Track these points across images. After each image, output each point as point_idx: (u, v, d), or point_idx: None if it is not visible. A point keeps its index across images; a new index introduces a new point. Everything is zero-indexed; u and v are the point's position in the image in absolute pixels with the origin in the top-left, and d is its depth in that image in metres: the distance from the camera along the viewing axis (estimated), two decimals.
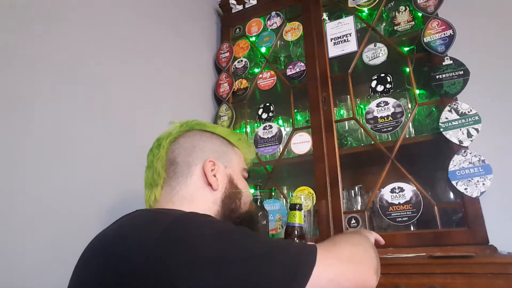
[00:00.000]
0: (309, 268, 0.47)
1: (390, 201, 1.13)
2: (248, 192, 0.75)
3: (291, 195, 1.39)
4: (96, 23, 1.05)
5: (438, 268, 0.84)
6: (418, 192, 1.11)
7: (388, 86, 1.27)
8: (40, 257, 0.76)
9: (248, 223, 0.69)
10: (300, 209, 0.72)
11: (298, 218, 0.71)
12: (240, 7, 1.73)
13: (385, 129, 1.21)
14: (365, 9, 1.41)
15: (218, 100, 1.63)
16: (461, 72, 1.13)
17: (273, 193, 1.46)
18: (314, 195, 1.27)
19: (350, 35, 1.37)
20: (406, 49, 1.32)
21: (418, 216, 1.08)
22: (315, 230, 1.18)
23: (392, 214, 1.12)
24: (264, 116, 1.50)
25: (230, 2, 1.73)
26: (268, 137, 1.44)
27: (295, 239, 0.69)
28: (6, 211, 0.73)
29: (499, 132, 1.24)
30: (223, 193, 0.68)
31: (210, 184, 0.66)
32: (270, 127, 1.46)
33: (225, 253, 0.45)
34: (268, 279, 0.44)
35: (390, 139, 1.24)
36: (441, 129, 1.11)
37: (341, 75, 1.38)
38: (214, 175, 0.68)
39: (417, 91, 1.22)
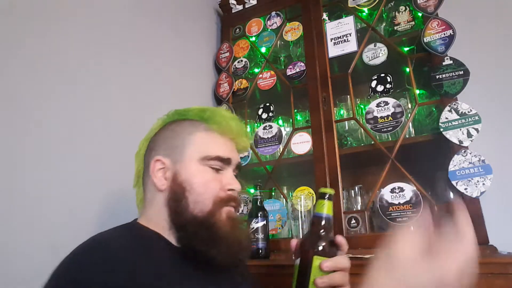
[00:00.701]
0: None
1: (390, 201, 1.13)
2: (202, 191, 0.59)
3: (291, 195, 1.39)
4: (96, 23, 1.04)
5: None
6: (418, 192, 1.11)
7: (388, 86, 1.27)
8: (40, 257, 0.76)
9: (194, 230, 0.57)
10: (330, 198, 0.62)
11: (327, 208, 0.62)
12: (240, 7, 1.73)
13: (385, 129, 1.21)
14: (365, 9, 1.41)
15: (218, 100, 1.63)
16: (461, 72, 1.13)
17: (273, 193, 1.46)
18: (314, 195, 1.27)
19: (350, 35, 1.37)
20: (406, 49, 1.32)
21: (418, 216, 1.08)
22: None
23: (392, 214, 1.12)
24: (264, 116, 1.50)
25: (230, 2, 1.73)
26: (268, 137, 1.44)
27: (321, 231, 0.61)
28: (6, 212, 0.73)
29: (499, 132, 1.24)
30: (168, 193, 0.61)
31: (155, 184, 0.62)
32: (270, 127, 1.46)
33: None
34: None
35: (390, 139, 1.24)
36: (441, 129, 1.11)
37: (341, 75, 1.38)
38: (165, 174, 0.62)
39: (417, 91, 1.22)
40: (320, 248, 0.59)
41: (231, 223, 0.60)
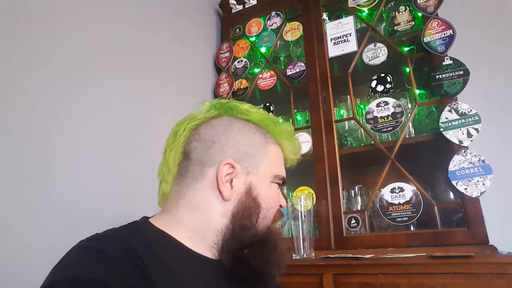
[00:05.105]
0: None
1: (390, 201, 1.13)
2: (271, 206, 0.59)
3: (291, 195, 1.39)
4: (97, 23, 1.04)
5: (438, 268, 0.84)
6: (418, 192, 1.11)
7: (388, 86, 1.27)
8: (40, 258, 0.76)
9: (260, 248, 0.54)
10: None
11: None
12: (240, 7, 1.73)
13: (385, 129, 1.21)
14: (365, 9, 1.41)
15: None
16: (461, 72, 1.13)
17: None
18: (314, 195, 1.27)
19: (350, 35, 1.37)
20: (406, 49, 1.32)
21: (418, 216, 1.08)
22: (315, 230, 1.18)
23: (392, 214, 1.12)
24: None
25: (230, 2, 1.73)
26: None
27: None
28: (6, 213, 0.73)
29: (499, 132, 1.24)
30: (236, 205, 0.55)
31: (221, 192, 0.55)
32: None
33: None
34: None
35: (390, 139, 1.24)
36: (441, 129, 1.11)
37: (341, 75, 1.38)
38: (231, 181, 0.56)
39: (417, 91, 1.22)
40: None
41: (281, 239, 0.60)
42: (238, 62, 1.65)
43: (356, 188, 1.33)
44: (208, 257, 0.54)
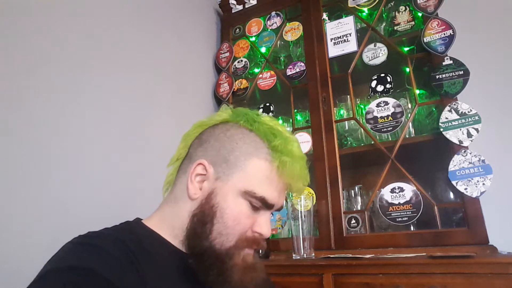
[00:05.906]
0: None
1: (390, 201, 1.13)
2: (229, 225, 0.53)
3: (291, 195, 1.39)
4: (96, 23, 1.04)
5: (438, 268, 0.84)
6: (418, 192, 1.11)
7: (388, 86, 1.27)
8: (40, 257, 0.76)
9: (209, 264, 0.51)
10: None
11: None
12: (240, 7, 1.73)
13: (385, 129, 1.21)
14: (365, 9, 1.41)
15: (218, 100, 1.63)
16: (461, 72, 1.13)
17: None
18: (314, 195, 1.27)
19: (350, 35, 1.37)
20: (406, 49, 1.32)
21: (418, 216, 1.08)
22: (315, 230, 1.18)
23: (392, 214, 1.12)
24: None
25: (230, 2, 1.73)
26: None
27: None
28: (6, 213, 0.73)
29: (499, 132, 1.24)
30: (197, 207, 0.55)
31: (187, 189, 0.56)
32: None
33: None
34: None
35: (390, 139, 1.24)
36: (441, 129, 1.11)
37: (341, 75, 1.38)
38: (202, 182, 0.56)
39: (417, 91, 1.22)
40: None
41: (245, 270, 0.54)
42: (238, 62, 1.65)
43: (356, 188, 1.33)
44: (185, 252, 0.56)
